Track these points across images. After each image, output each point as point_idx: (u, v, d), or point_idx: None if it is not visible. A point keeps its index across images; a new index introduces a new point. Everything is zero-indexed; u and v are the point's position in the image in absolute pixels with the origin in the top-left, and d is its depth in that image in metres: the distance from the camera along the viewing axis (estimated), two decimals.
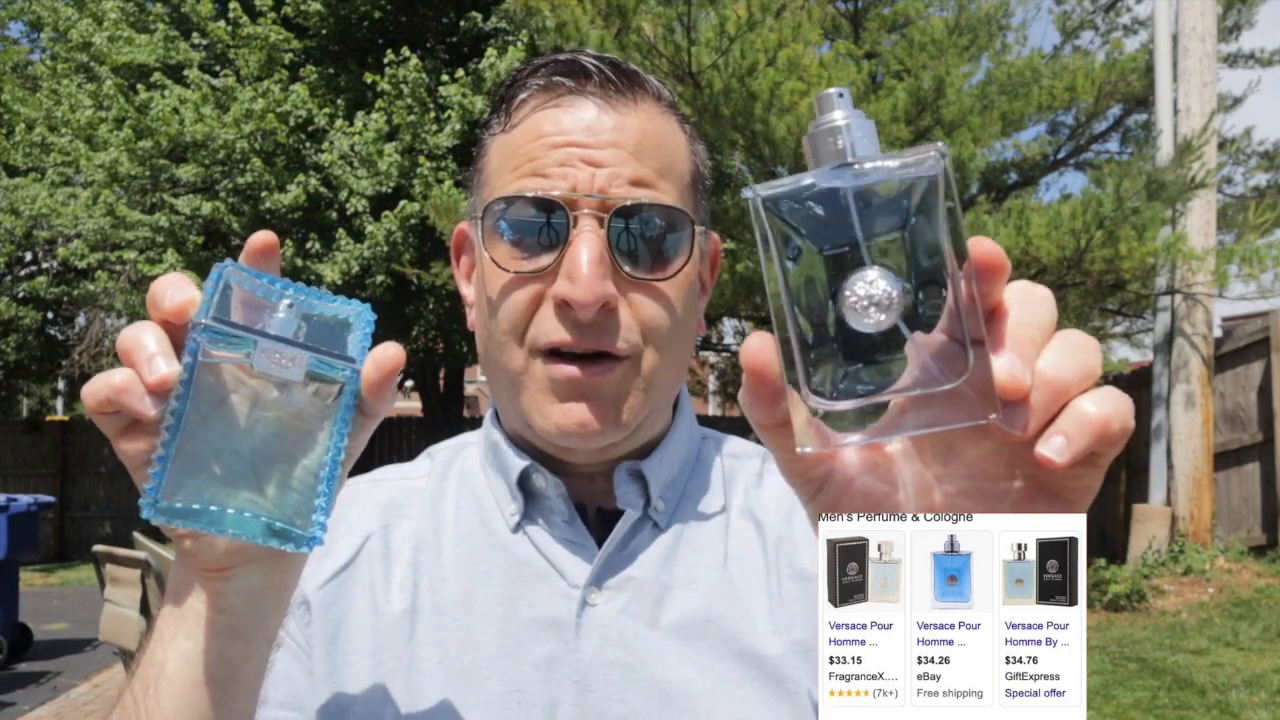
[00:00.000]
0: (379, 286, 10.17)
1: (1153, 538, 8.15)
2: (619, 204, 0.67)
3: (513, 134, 0.72)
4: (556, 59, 0.72)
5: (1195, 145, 7.49)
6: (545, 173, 0.68)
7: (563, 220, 0.67)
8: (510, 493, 0.76)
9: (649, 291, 0.69)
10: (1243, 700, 4.87)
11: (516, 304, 0.69)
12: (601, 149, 0.68)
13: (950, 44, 10.12)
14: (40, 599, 10.24)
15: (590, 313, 0.67)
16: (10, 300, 13.29)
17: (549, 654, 0.70)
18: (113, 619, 4.53)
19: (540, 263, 0.68)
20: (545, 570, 0.73)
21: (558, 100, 0.70)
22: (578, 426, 0.69)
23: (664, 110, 0.73)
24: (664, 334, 0.70)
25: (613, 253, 0.67)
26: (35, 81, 13.39)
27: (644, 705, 0.69)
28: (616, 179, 0.68)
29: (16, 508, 6.82)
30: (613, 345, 0.68)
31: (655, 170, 0.70)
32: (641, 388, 0.71)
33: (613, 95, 0.70)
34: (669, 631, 0.71)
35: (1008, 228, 7.64)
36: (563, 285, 0.67)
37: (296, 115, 10.13)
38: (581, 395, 0.69)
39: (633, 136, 0.69)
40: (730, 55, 7.47)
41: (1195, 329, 8.34)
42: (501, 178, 0.71)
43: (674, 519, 0.76)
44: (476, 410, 30.32)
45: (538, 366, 0.70)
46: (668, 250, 0.69)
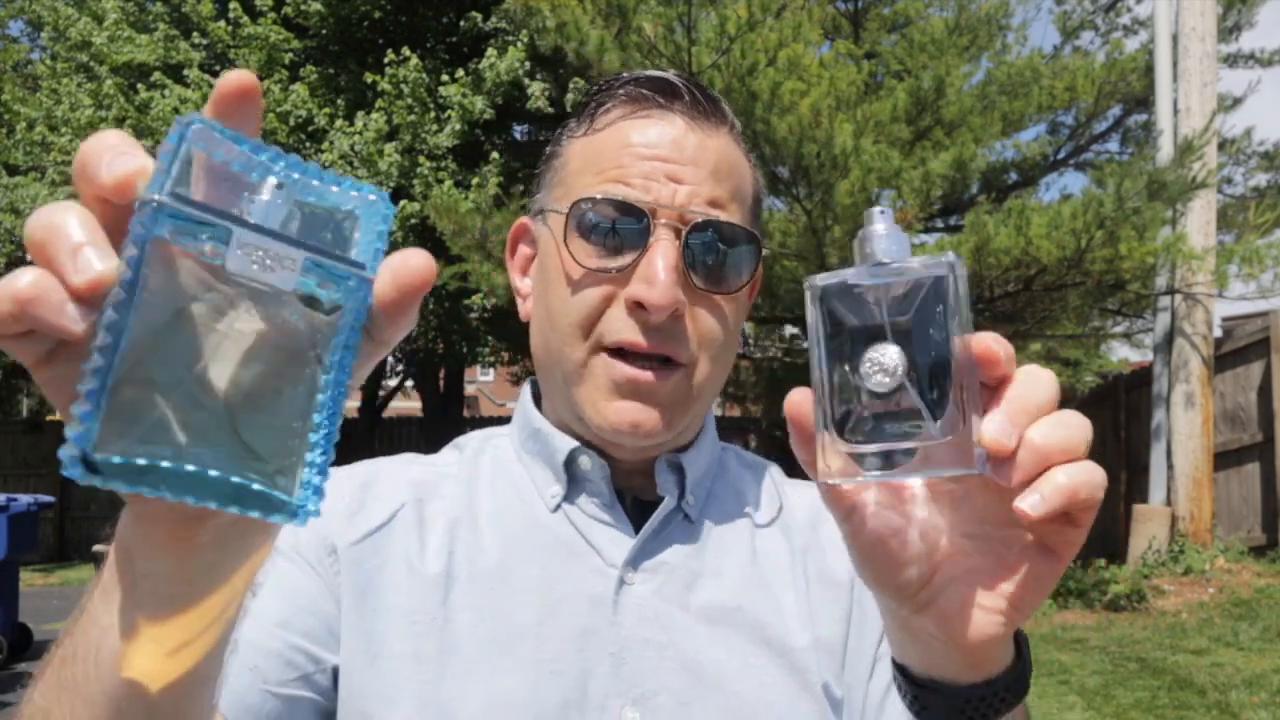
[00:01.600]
0: None
1: (1153, 538, 8.15)
2: (696, 219, 0.71)
3: (596, 139, 0.75)
4: (647, 75, 0.77)
5: (1196, 145, 7.49)
6: (629, 181, 0.72)
7: (643, 226, 0.71)
8: (555, 474, 0.78)
9: (711, 304, 0.74)
10: (1243, 700, 4.87)
11: (588, 300, 0.72)
12: (684, 165, 0.72)
13: (950, 44, 10.13)
14: (40, 599, 10.24)
15: (663, 316, 0.70)
16: None
17: (585, 627, 0.72)
18: None
19: (618, 263, 0.71)
20: (584, 549, 0.75)
21: (647, 113, 0.74)
22: (630, 425, 0.73)
23: (736, 138, 0.79)
24: (718, 346, 0.75)
25: (685, 264, 0.71)
26: (35, 81, 13.40)
27: (675, 681, 0.72)
28: (695, 196, 0.72)
29: (16, 508, 6.82)
30: (676, 351, 0.73)
31: (728, 193, 0.74)
32: (693, 396, 0.75)
33: (698, 117, 0.75)
34: (699, 615, 0.74)
35: (1008, 228, 7.64)
36: (639, 287, 0.70)
37: (296, 115, 10.13)
38: (639, 396, 0.73)
39: (712, 158, 0.74)
40: (730, 55, 7.47)
41: (1195, 329, 8.35)
42: (583, 179, 0.74)
43: (703, 515, 0.80)
44: (476, 410, 30.30)
45: (600, 362, 0.73)
46: (734, 267, 0.74)
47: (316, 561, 0.74)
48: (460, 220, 8.35)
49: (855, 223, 7.85)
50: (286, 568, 0.73)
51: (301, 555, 0.74)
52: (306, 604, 0.72)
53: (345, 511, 0.76)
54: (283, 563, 0.74)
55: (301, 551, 0.74)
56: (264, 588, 0.72)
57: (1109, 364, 21.66)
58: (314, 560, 0.74)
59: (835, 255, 8.18)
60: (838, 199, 7.65)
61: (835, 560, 0.80)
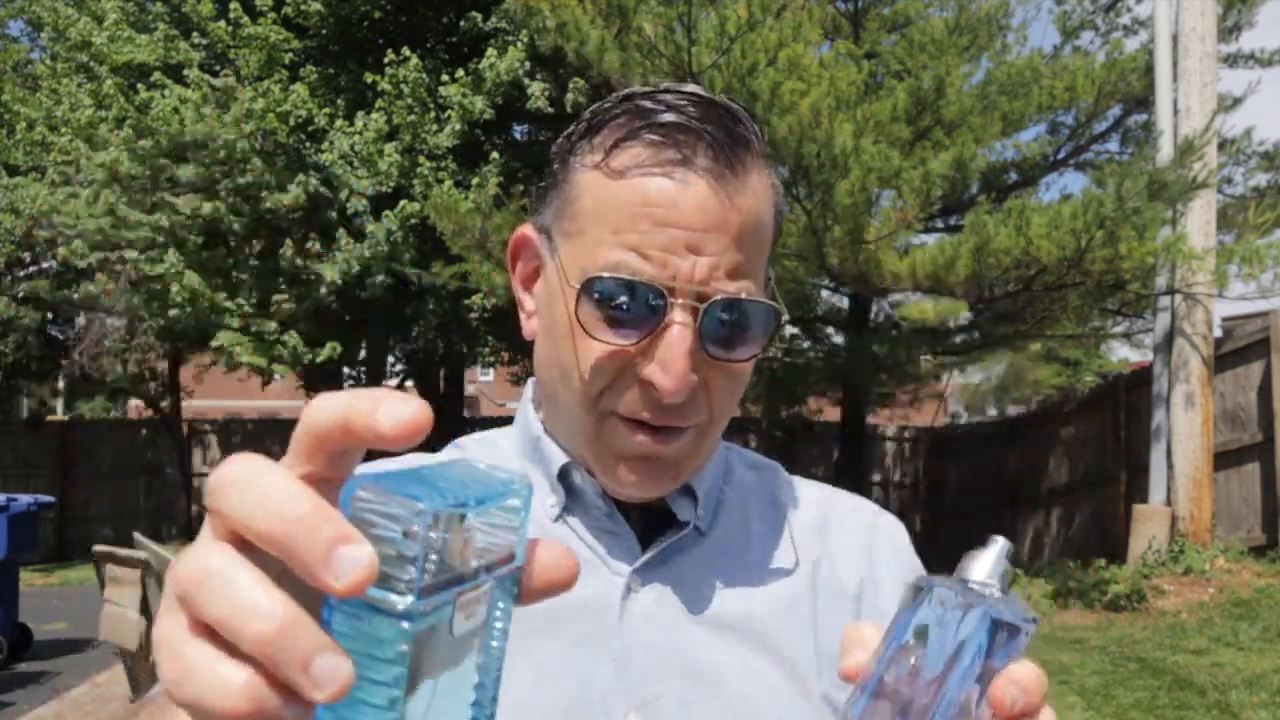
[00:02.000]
0: (379, 286, 10.18)
1: (1153, 538, 8.15)
2: (715, 295, 0.69)
3: (612, 184, 0.70)
4: (665, 117, 0.70)
5: (1197, 145, 7.49)
6: (647, 253, 0.68)
7: (660, 304, 0.68)
8: (551, 485, 0.78)
9: (725, 371, 0.72)
10: (1243, 700, 4.87)
11: (600, 370, 0.71)
12: (707, 233, 0.69)
13: (950, 44, 10.13)
14: (40, 599, 10.24)
15: (678, 399, 0.69)
16: (10, 300, 13.29)
17: (591, 632, 0.72)
18: (113, 619, 4.53)
19: (630, 338, 0.69)
20: (589, 558, 0.75)
21: (668, 170, 0.69)
22: (637, 484, 0.73)
23: (762, 170, 0.73)
24: (731, 404, 0.75)
25: (700, 340, 0.69)
26: (35, 81, 13.40)
27: (677, 685, 0.72)
28: (716, 270, 0.69)
29: (16, 508, 6.82)
30: (687, 420, 0.72)
31: (750, 254, 0.71)
32: (703, 450, 0.75)
33: (724, 172, 0.70)
34: (705, 624, 0.74)
35: (1008, 228, 7.64)
36: (654, 371, 0.68)
37: (296, 115, 10.13)
38: (647, 458, 0.72)
39: (737, 221, 0.70)
40: (731, 55, 7.47)
41: (1195, 329, 8.34)
42: (598, 229, 0.70)
43: (713, 524, 0.79)
44: (476, 410, 30.27)
45: (611, 428, 0.72)
46: (750, 337, 0.72)
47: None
48: (460, 220, 8.36)
49: (855, 222, 7.86)
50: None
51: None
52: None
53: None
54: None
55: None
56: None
57: (1109, 364, 21.64)
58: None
59: (835, 255, 8.19)
60: (838, 199, 7.65)
61: (844, 571, 0.80)
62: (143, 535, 4.91)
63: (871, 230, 8.01)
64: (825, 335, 12.36)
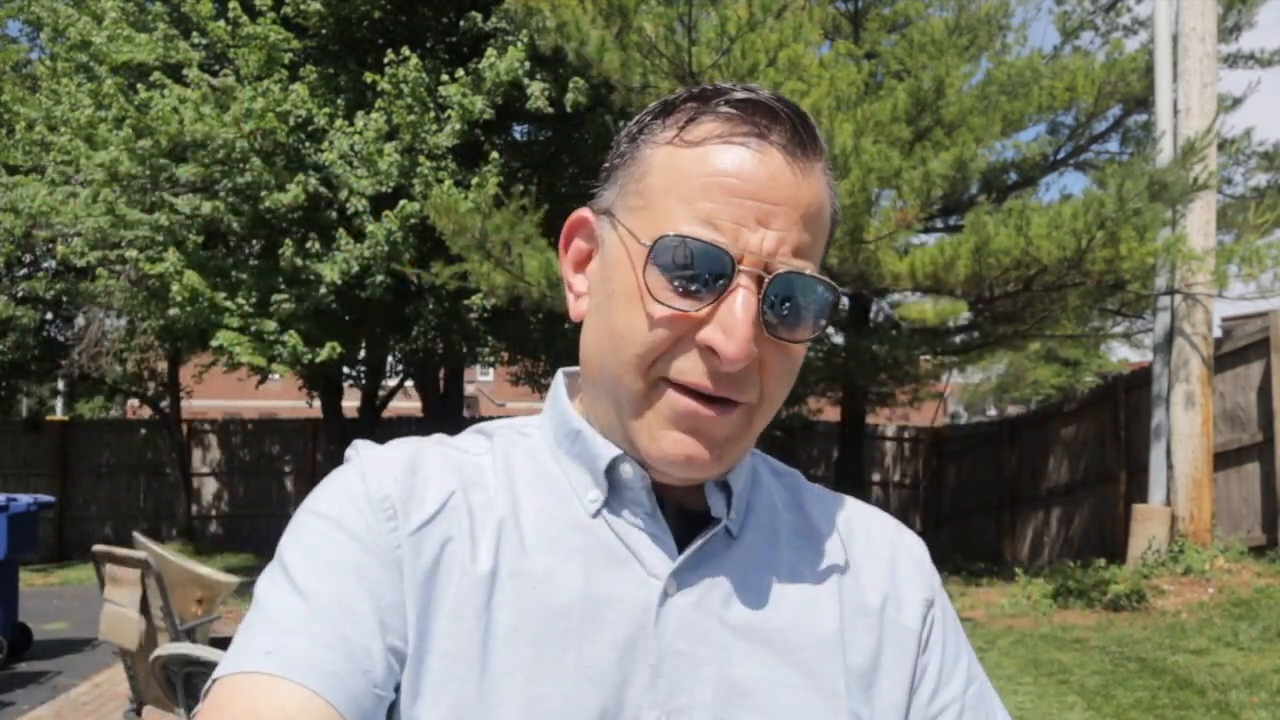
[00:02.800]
0: (379, 286, 10.17)
1: (1153, 538, 8.15)
2: (780, 269, 0.69)
3: (684, 154, 0.71)
4: (751, 97, 0.72)
5: (1198, 147, 7.49)
6: (718, 222, 0.69)
7: (727, 272, 0.68)
8: (595, 479, 0.76)
9: (782, 351, 0.72)
10: (1243, 700, 4.87)
11: (659, 335, 0.70)
12: (776, 207, 0.69)
13: (950, 44, 10.13)
14: (40, 599, 10.24)
15: (737, 367, 0.68)
16: (9, 300, 13.28)
17: (626, 636, 0.71)
18: (112, 619, 4.53)
19: (694, 304, 0.69)
20: (626, 557, 0.74)
21: (744, 140, 0.70)
22: (685, 459, 0.71)
23: (825, 168, 0.75)
24: (781, 389, 0.74)
25: (762, 313, 0.69)
26: (35, 81, 13.39)
27: (710, 696, 0.71)
28: (783, 244, 0.69)
29: (16, 508, 6.82)
30: (741, 395, 0.71)
31: (814, 238, 0.72)
32: (748, 434, 0.74)
33: (796, 151, 0.71)
34: (737, 632, 0.73)
35: (1008, 228, 7.65)
36: (716, 335, 0.68)
37: (296, 115, 10.13)
38: (697, 431, 0.71)
39: (805, 200, 0.70)
40: (731, 55, 7.47)
41: (1195, 329, 8.35)
42: (668, 201, 0.71)
43: (743, 529, 0.79)
44: (476, 410, 30.29)
45: (662, 394, 0.71)
46: (809, 317, 0.72)
47: (388, 551, 0.71)
48: (460, 220, 8.36)
49: (855, 222, 7.86)
50: (367, 559, 0.70)
51: (377, 545, 0.70)
52: (392, 601, 0.69)
53: (401, 497, 0.73)
54: (360, 552, 0.70)
55: (375, 541, 0.71)
56: (350, 576, 0.69)
57: (1109, 364, 21.64)
58: (386, 550, 0.71)
59: (835, 255, 8.19)
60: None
61: (868, 584, 0.79)
62: (142, 535, 4.91)
63: (871, 230, 8.01)
64: (825, 335, 12.36)
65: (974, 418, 32.49)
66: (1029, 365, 25.62)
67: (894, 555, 0.82)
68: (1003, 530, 13.01)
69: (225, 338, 10.09)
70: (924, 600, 0.81)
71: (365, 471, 0.73)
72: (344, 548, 0.70)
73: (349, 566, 0.69)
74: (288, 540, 0.72)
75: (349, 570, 0.69)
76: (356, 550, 0.70)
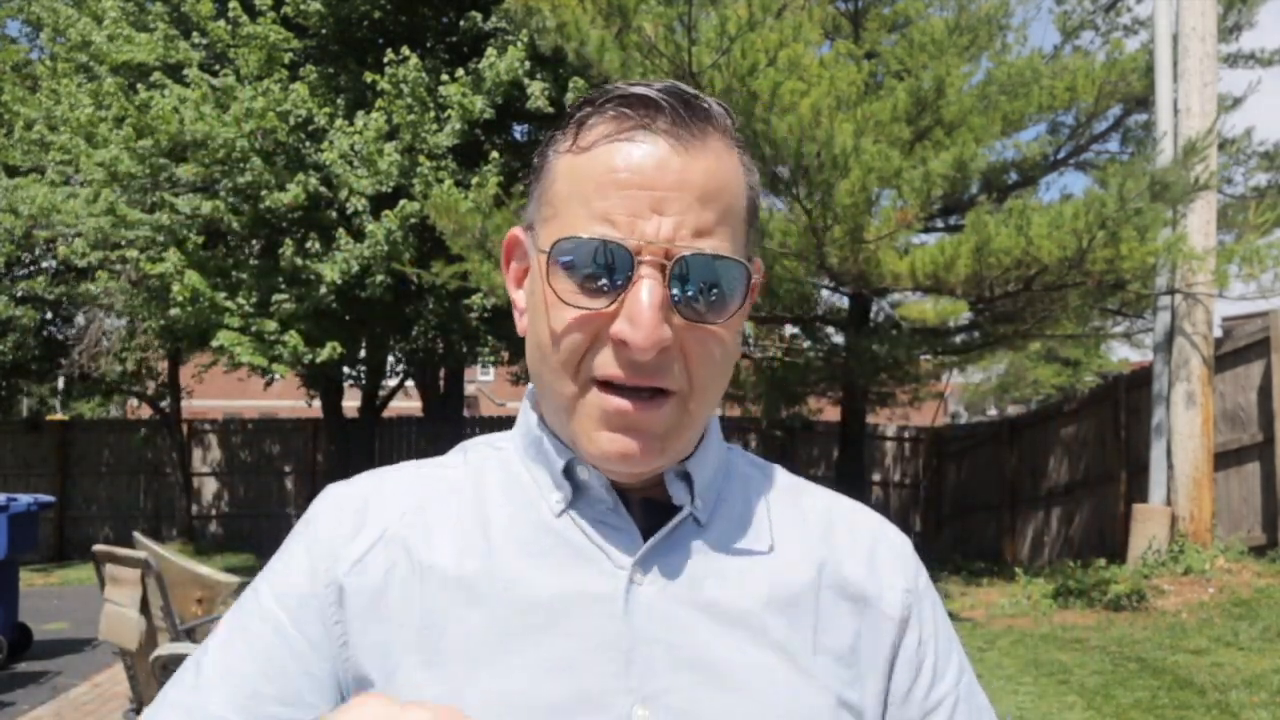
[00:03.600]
0: (379, 286, 10.18)
1: (1153, 538, 8.15)
2: (681, 252, 0.70)
3: (581, 159, 0.73)
4: (628, 90, 0.74)
5: (1200, 147, 7.49)
6: (613, 217, 0.70)
7: (627, 264, 0.69)
8: (555, 481, 0.79)
9: (702, 335, 0.72)
10: (1243, 700, 4.87)
11: (575, 339, 0.72)
12: (669, 193, 0.70)
13: (950, 44, 10.12)
14: (40, 599, 10.24)
15: (648, 355, 0.69)
16: (9, 300, 13.28)
17: (595, 627, 0.73)
18: (112, 619, 4.53)
19: (602, 302, 0.70)
20: (593, 552, 0.76)
21: (630, 135, 0.71)
22: (621, 456, 0.73)
23: (728, 145, 0.75)
24: (711, 372, 0.74)
25: (671, 299, 0.70)
26: (35, 81, 13.39)
27: (685, 680, 0.72)
28: (681, 227, 0.70)
29: (16, 508, 6.82)
30: (665, 383, 0.72)
31: (717, 216, 0.72)
32: (686, 423, 0.74)
33: (683, 134, 0.72)
34: (709, 615, 0.75)
35: (1009, 228, 7.64)
36: (623, 327, 0.69)
37: (296, 114, 10.13)
38: (630, 428, 0.72)
39: (699, 181, 0.71)
40: (731, 55, 7.46)
41: (1195, 329, 8.34)
42: (570, 207, 0.72)
43: (713, 518, 0.80)
44: (476, 410, 30.29)
45: (591, 395, 0.73)
46: (723, 298, 0.72)
47: (314, 608, 0.75)
48: (460, 219, 8.36)
49: (855, 222, 7.86)
50: (260, 629, 0.76)
51: (288, 609, 0.76)
52: (283, 664, 0.74)
53: (345, 537, 0.77)
54: (256, 623, 0.76)
55: (291, 603, 0.76)
56: (238, 645, 0.76)
57: (1109, 364, 21.62)
58: (310, 609, 0.75)
59: (835, 255, 8.19)
60: (838, 199, 7.65)
61: (847, 570, 0.80)
62: (142, 535, 4.91)
63: (871, 230, 8.01)
64: (825, 335, 12.36)
65: (974, 418, 32.48)
66: (1029, 365, 25.60)
67: (874, 545, 0.83)
68: (1003, 530, 13.01)
69: (226, 338, 10.09)
70: (904, 589, 0.81)
71: (310, 544, 0.78)
72: (264, 631, 0.76)
73: (261, 650, 0.75)
74: (238, 601, 0.80)
75: (260, 654, 0.75)
76: (274, 633, 0.76)
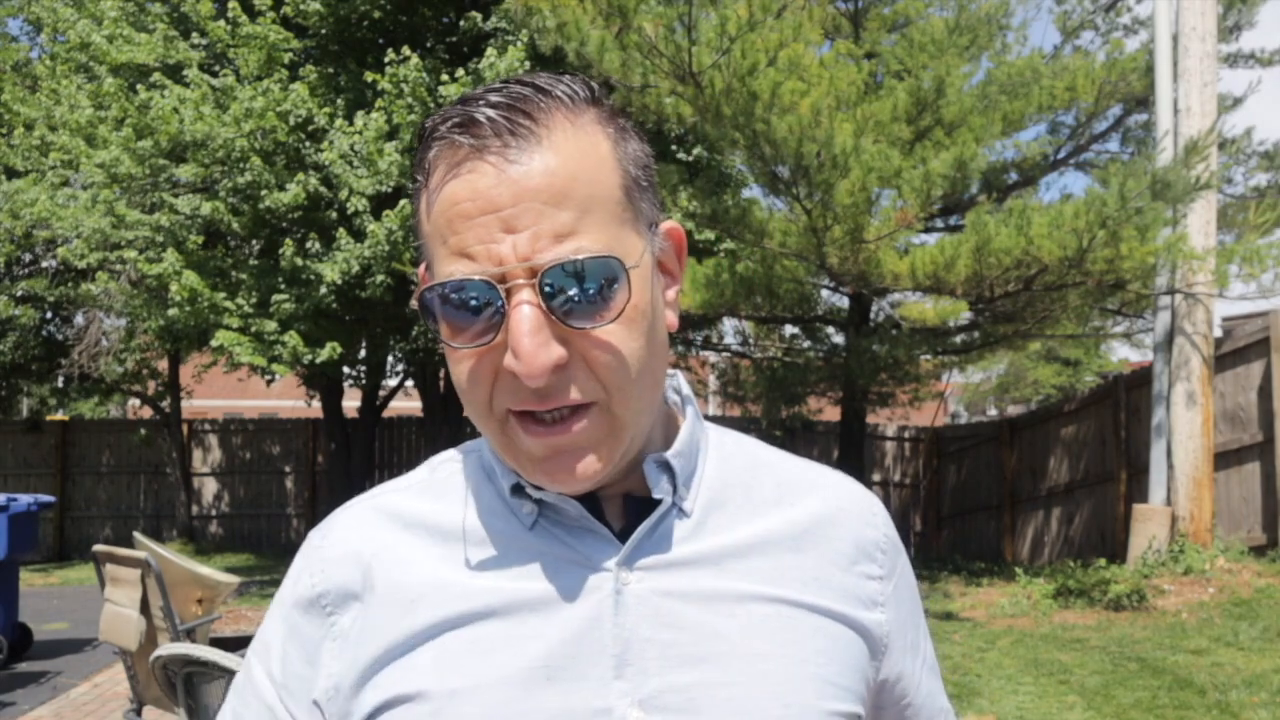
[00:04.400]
0: (379, 286, 10.18)
1: (1153, 538, 8.15)
2: (545, 266, 0.67)
3: (432, 197, 0.71)
4: (455, 110, 0.71)
5: (1200, 147, 7.49)
6: (469, 252, 0.68)
7: (497, 296, 0.67)
8: (513, 501, 0.78)
9: (597, 340, 0.69)
10: (1243, 700, 4.87)
11: (477, 378, 0.71)
12: (514, 208, 0.67)
13: (950, 44, 10.12)
14: (40, 599, 10.24)
15: (540, 381, 0.67)
16: (9, 300, 13.28)
17: (581, 632, 0.72)
18: (113, 619, 4.53)
19: (486, 339, 0.69)
20: (572, 557, 0.75)
21: (463, 161, 0.69)
22: (562, 479, 0.71)
23: (577, 124, 0.71)
24: (625, 373, 0.71)
25: (550, 315, 0.67)
26: (35, 81, 13.39)
27: (680, 678, 0.71)
28: (537, 239, 0.67)
29: (16, 508, 6.82)
30: (572, 399, 0.69)
31: (576, 212, 0.68)
32: (616, 429, 0.72)
33: (514, 142, 0.68)
34: (701, 608, 0.74)
35: (1009, 228, 7.64)
36: (509, 360, 0.67)
37: (296, 114, 10.13)
38: (557, 451, 0.70)
39: (541, 185, 0.67)
40: (731, 55, 7.46)
41: (1195, 328, 8.34)
42: (434, 247, 0.71)
43: (699, 503, 0.79)
44: None
45: (511, 430, 0.71)
46: (604, 296, 0.69)
47: (313, 648, 0.77)
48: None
49: (855, 222, 7.86)
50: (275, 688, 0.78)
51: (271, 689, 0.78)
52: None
53: (337, 587, 0.78)
54: (271, 679, 0.79)
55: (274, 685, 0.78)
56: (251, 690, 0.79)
57: (1109, 364, 21.63)
58: (290, 690, 0.78)
59: (835, 255, 8.19)
60: (838, 199, 7.65)
61: (839, 546, 0.80)
62: (142, 535, 4.91)
63: (871, 230, 8.01)
64: (825, 335, 12.36)
65: (974, 418, 32.48)
66: (1029, 365, 25.62)
67: (845, 510, 0.82)
68: (1003, 530, 13.01)
69: (225, 338, 10.09)
70: (884, 565, 0.82)
71: (299, 578, 0.80)
72: (260, 673, 0.79)
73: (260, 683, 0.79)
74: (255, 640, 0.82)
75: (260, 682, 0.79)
76: (267, 678, 0.79)
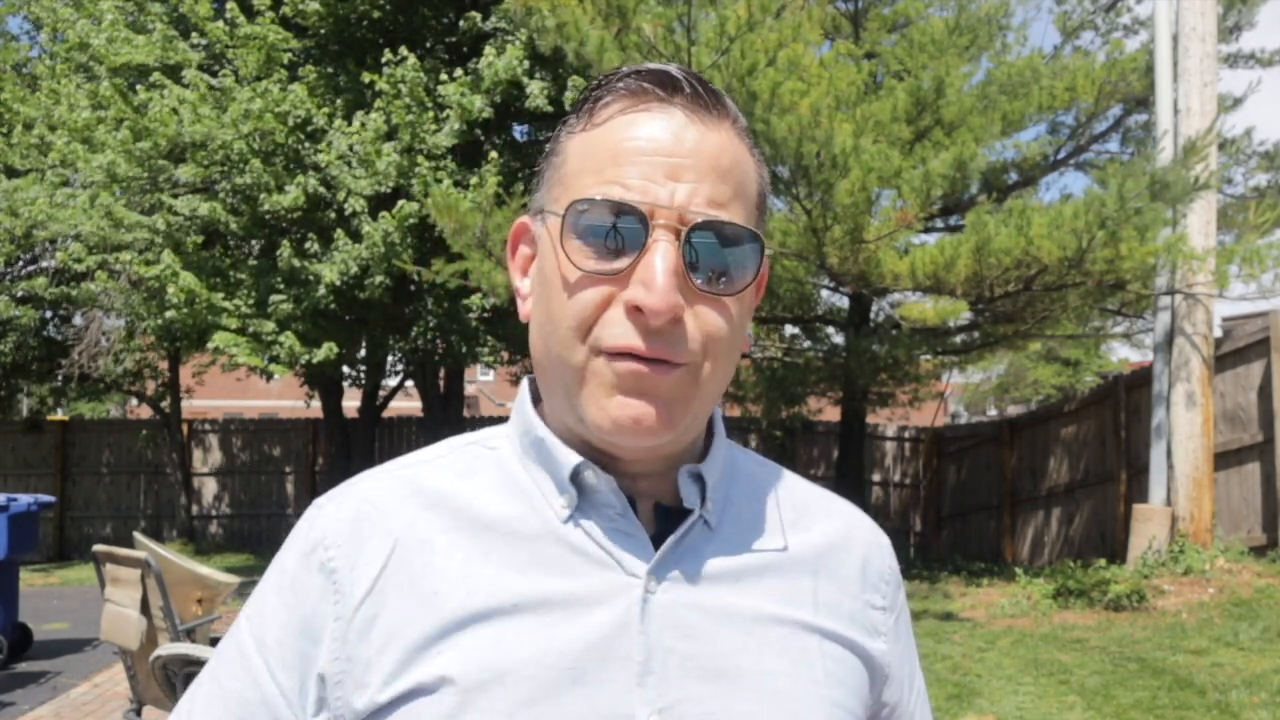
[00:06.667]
0: (378, 287, 10.17)
1: (1153, 538, 8.15)
2: (695, 219, 0.69)
3: (594, 134, 0.73)
4: (646, 67, 0.74)
5: (1200, 146, 7.49)
6: (627, 181, 0.69)
7: (642, 228, 0.68)
8: (559, 485, 0.76)
9: (714, 305, 0.71)
10: (1243, 700, 4.87)
11: (587, 302, 0.70)
12: (684, 160, 0.70)
13: (950, 44, 10.13)
14: (40, 599, 10.23)
15: (662, 320, 0.68)
16: (9, 300, 13.28)
17: (609, 637, 0.71)
18: (113, 619, 4.53)
19: (616, 265, 0.69)
20: (603, 559, 0.74)
21: (646, 106, 0.71)
22: (632, 422, 0.70)
23: (740, 134, 0.75)
24: (722, 347, 0.73)
25: (685, 266, 0.69)
26: (35, 80, 13.39)
27: (700, 690, 0.71)
28: (696, 195, 0.69)
29: (16, 508, 6.82)
30: (676, 355, 0.70)
31: (731, 190, 0.72)
32: (695, 395, 0.73)
33: (699, 110, 0.72)
34: (723, 622, 0.74)
35: (1009, 228, 7.64)
36: (637, 291, 0.68)
37: (295, 115, 10.12)
38: (641, 392, 0.70)
39: (713, 153, 0.71)
40: (730, 55, 7.46)
41: (1195, 329, 8.34)
42: (581, 179, 0.72)
43: (723, 520, 0.79)
44: (476, 410, 30.28)
45: (601, 362, 0.71)
46: (736, 267, 0.71)
47: (320, 622, 0.74)
48: (460, 219, 8.36)
49: (855, 222, 7.85)
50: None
51: (304, 625, 0.74)
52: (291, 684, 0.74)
53: (346, 566, 0.74)
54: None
55: (305, 616, 0.74)
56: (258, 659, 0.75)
57: (1109, 364, 21.64)
58: (317, 622, 0.74)
59: (835, 255, 8.19)
60: (838, 199, 7.65)
61: (846, 571, 0.81)
62: (143, 535, 4.91)
63: (871, 230, 8.01)
64: (825, 335, 12.35)
65: (974, 418, 32.49)
66: (1029, 365, 25.63)
67: (867, 553, 0.84)
68: (1003, 530, 13.01)
69: (223, 338, 10.09)
70: (887, 597, 0.83)
71: (306, 545, 0.76)
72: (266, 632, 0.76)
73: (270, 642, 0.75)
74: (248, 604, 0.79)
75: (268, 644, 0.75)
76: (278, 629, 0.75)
